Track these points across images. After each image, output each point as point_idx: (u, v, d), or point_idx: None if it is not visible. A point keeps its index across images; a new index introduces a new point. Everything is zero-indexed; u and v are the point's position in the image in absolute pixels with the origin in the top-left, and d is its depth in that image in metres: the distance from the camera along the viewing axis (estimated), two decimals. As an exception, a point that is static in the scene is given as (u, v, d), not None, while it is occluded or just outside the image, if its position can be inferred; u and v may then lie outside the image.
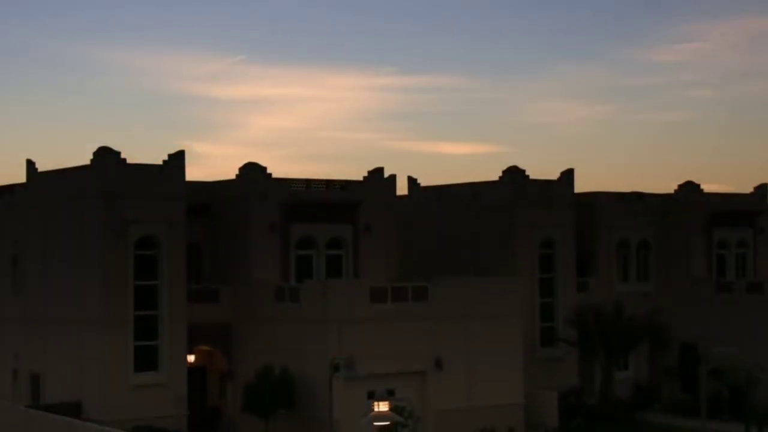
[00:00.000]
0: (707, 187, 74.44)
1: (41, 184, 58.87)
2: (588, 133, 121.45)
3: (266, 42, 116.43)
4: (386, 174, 62.92)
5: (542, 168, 70.87)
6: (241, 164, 59.73)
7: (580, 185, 70.02)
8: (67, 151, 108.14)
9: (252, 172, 59.20)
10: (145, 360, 54.55)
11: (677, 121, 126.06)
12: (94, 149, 54.56)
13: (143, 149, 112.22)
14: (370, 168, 62.54)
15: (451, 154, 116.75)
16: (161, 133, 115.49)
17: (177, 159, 55.82)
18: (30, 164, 59.73)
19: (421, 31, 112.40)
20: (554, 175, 67.51)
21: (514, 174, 66.39)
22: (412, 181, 73.18)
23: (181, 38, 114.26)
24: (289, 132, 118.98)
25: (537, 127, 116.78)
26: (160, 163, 55.55)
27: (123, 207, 54.06)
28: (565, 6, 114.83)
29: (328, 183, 61.04)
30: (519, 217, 65.89)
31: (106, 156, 54.41)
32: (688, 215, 73.24)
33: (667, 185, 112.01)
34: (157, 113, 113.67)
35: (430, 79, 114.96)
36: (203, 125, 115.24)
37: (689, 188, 73.72)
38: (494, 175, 66.95)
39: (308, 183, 60.38)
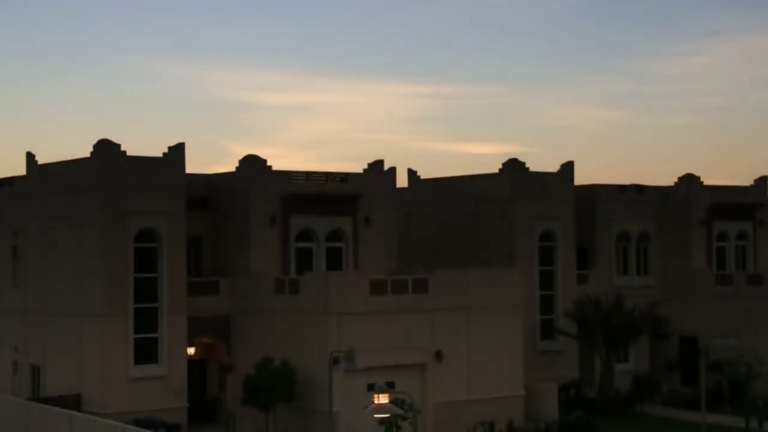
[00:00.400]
0: (707, 180, 74.45)
1: (41, 176, 58.85)
2: (600, 133, 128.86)
3: (319, 56, 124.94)
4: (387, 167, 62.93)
5: (555, 164, 75.74)
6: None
7: (581, 178, 70.18)
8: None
9: (252, 164, 59.13)
10: (145, 352, 54.56)
11: (683, 124, 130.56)
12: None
13: (193, 151, 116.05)
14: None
15: (476, 153, 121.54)
16: (211, 137, 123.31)
17: (177, 151, 55.76)
18: (30, 156, 59.70)
19: (456, 45, 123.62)
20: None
21: (514, 166, 66.36)
22: (411, 174, 73.17)
23: (238, 53, 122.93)
24: (328, 134, 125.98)
25: (558, 129, 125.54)
26: (161, 155, 55.52)
27: (123, 199, 54.05)
28: (590, 24, 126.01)
29: (328, 175, 60.96)
30: (519, 210, 65.88)
31: (106, 148, 54.38)
32: (688, 208, 73.22)
33: (668, 178, 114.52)
34: (210, 119, 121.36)
35: (463, 88, 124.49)
36: (249, 129, 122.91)
37: (689, 181, 73.69)
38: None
39: (308, 175, 60.30)
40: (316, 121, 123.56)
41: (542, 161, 79.98)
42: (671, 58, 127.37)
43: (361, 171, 62.34)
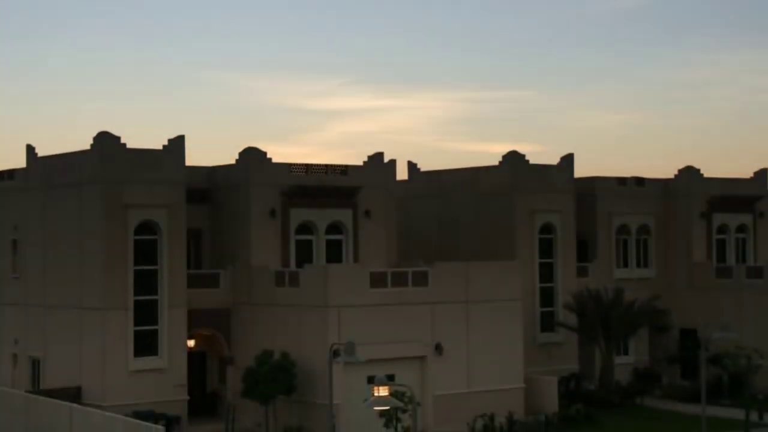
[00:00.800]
0: (707, 172, 74.42)
1: (41, 168, 58.83)
2: (600, 126, 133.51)
3: (364, 67, 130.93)
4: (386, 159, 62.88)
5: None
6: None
7: (580, 170, 70.18)
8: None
9: (252, 156, 59.08)
10: (145, 345, 54.56)
11: (684, 117, 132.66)
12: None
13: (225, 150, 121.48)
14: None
15: (496, 152, 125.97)
16: (248, 140, 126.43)
17: (177, 144, 55.74)
18: (30, 149, 59.67)
19: (492, 54, 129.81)
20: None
21: (514, 159, 66.33)
22: (412, 166, 73.13)
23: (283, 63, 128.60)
24: (361, 135, 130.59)
25: (577, 129, 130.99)
26: (161, 148, 55.49)
27: (123, 192, 54.02)
28: (609, 36, 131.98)
29: (328, 168, 60.89)
30: (519, 202, 65.89)
31: (105, 140, 54.35)
32: (688, 200, 73.23)
33: (668, 170, 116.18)
34: (252, 123, 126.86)
35: (495, 93, 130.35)
36: (286, 131, 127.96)
37: (689, 173, 73.68)
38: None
39: (308, 168, 60.24)
40: (349, 123, 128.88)
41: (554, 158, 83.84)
42: (678, 66, 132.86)
43: (361, 163, 62.27)
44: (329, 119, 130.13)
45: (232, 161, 59.86)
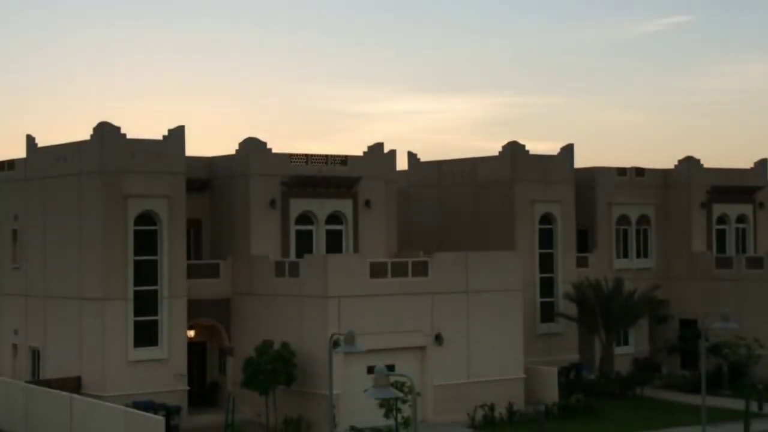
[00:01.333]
0: (707, 163, 74.37)
1: (41, 159, 58.78)
2: (601, 118, 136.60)
3: (411, 75, 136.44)
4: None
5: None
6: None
7: (580, 161, 70.15)
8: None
9: (252, 147, 59.03)
10: (145, 335, 54.56)
11: (683, 107, 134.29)
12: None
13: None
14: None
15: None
16: (293, 141, 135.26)
17: (177, 134, 55.68)
18: (30, 139, 59.61)
19: (520, 61, 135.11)
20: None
21: (513, 149, 66.27)
22: (411, 156, 73.08)
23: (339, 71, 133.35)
24: (394, 134, 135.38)
25: (595, 128, 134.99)
26: (161, 138, 55.45)
27: (123, 182, 53.99)
28: (630, 48, 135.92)
29: (328, 158, 60.83)
30: (519, 192, 65.85)
31: (105, 131, 54.29)
32: (688, 190, 73.20)
33: (667, 161, 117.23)
34: (298, 125, 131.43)
35: (524, 98, 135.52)
36: (327, 131, 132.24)
37: (689, 163, 73.64)
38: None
39: (308, 158, 60.16)
40: (386, 125, 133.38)
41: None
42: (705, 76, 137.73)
43: (361, 154, 62.21)
44: (368, 122, 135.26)
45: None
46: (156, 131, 61.25)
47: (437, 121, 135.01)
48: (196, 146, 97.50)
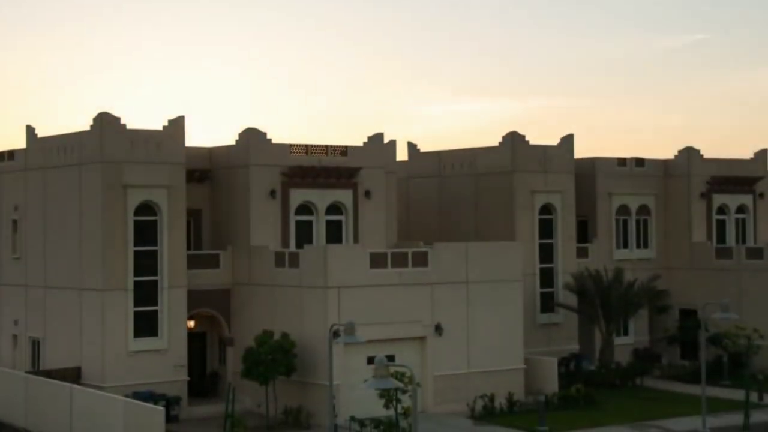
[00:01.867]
0: (707, 153, 74.34)
1: (41, 149, 58.75)
2: (599, 105, 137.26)
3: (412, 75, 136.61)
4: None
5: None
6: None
7: (580, 151, 70.09)
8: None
9: (252, 137, 58.99)
10: (145, 326, 54.58)
11: (683, 98, 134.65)
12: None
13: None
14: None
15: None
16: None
17: (177, 124, 55.64)
18: (30, 129, 59.58)
19: (546, 64, 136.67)
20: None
21: (513, 139, 66.24)
22: (411, 147, 73.05)
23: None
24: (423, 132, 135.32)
25: (610, 128, 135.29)
26: (160, 128, 55.41)
27: (123, 172, 53.97)
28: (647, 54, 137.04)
29: (328, 148, 60.79)
30: (519, 183, 65.84)
31: (105, 121, 54.25)
32: (688, 181, 73.19)
33: (667, 151, 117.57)
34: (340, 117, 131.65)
35: (547, 101, 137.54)
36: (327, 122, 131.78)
37: (689, 154, 73.61)
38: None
39: (308, 148, 60.12)
40: (425, 125, 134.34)
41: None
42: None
43: (361, 144, 62.18)
44: (393, 123, 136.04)
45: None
46: (156, 121, 61.24)
47: (456, 120, 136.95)
48: (196, 136, 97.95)
